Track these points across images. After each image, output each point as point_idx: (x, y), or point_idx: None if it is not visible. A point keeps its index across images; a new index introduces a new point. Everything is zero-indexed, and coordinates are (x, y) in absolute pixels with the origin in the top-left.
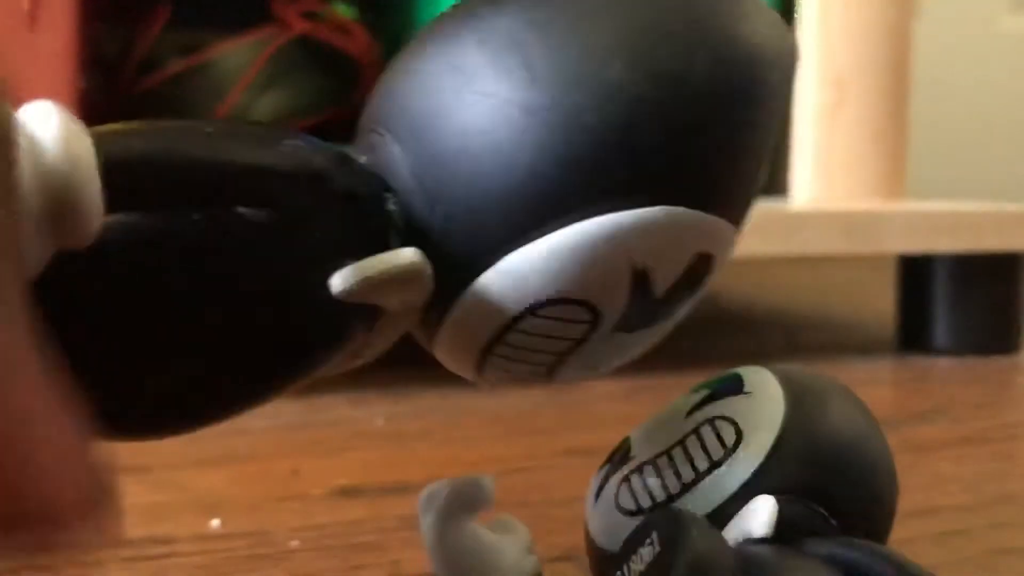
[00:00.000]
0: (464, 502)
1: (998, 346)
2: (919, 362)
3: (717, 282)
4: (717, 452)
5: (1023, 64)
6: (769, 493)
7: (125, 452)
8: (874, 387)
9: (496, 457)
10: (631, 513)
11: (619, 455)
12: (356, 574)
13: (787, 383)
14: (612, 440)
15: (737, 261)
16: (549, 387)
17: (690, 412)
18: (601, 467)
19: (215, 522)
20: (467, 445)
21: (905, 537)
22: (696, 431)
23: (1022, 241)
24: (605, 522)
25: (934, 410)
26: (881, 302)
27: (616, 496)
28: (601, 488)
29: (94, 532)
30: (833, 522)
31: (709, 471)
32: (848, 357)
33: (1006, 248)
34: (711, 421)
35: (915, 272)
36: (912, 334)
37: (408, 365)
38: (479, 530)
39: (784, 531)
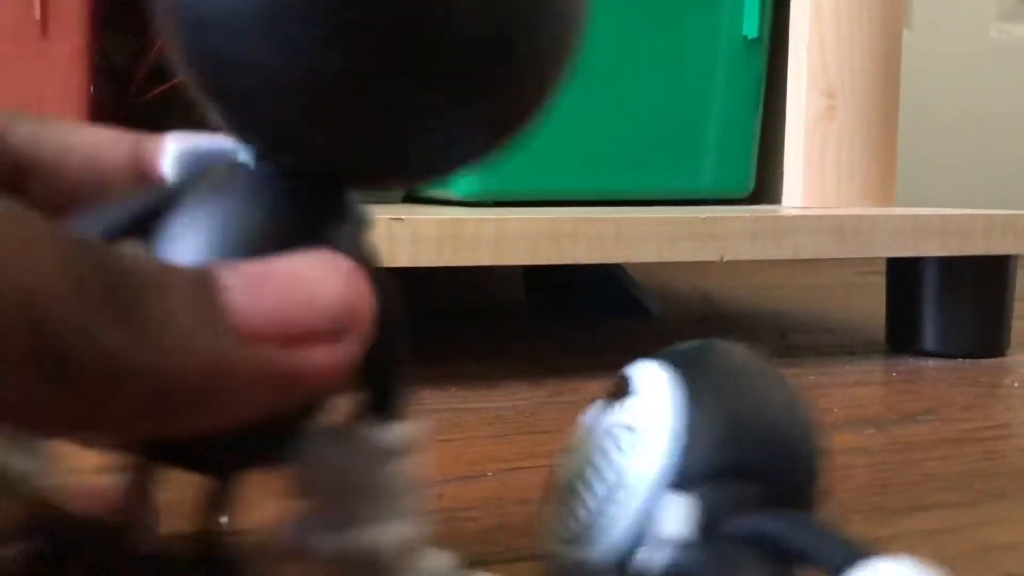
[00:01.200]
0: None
1: (986, 349)
2: (909, 364)
3: (711, 285)
4: (621, 462)
5: (1012, 72)
6: (685, 484)
7: None
8: (864, 388)
9: (496, 456)
10: (567, 542)
11: (550, 488)
12: None
13: (675, 370)
14: None
15: (730, 264)
16: (549, 388)
17: (592, 428)
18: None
19: (222, 519)
20: (467, 444)
21: (894, 534)
22: (600, 446)
23: (1009, 245)
24: (550, 553)
25: (923, 411)
26: (871, 305)
27: (553, 528)
28: (548, 521)
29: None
30: (757, 491)
31: (619, 483)
32: (839, 359)
33: (993, 252)
34: (609, 432)
35: (904, 276)
36: (901, 337)
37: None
38: None
39: (704, 521)
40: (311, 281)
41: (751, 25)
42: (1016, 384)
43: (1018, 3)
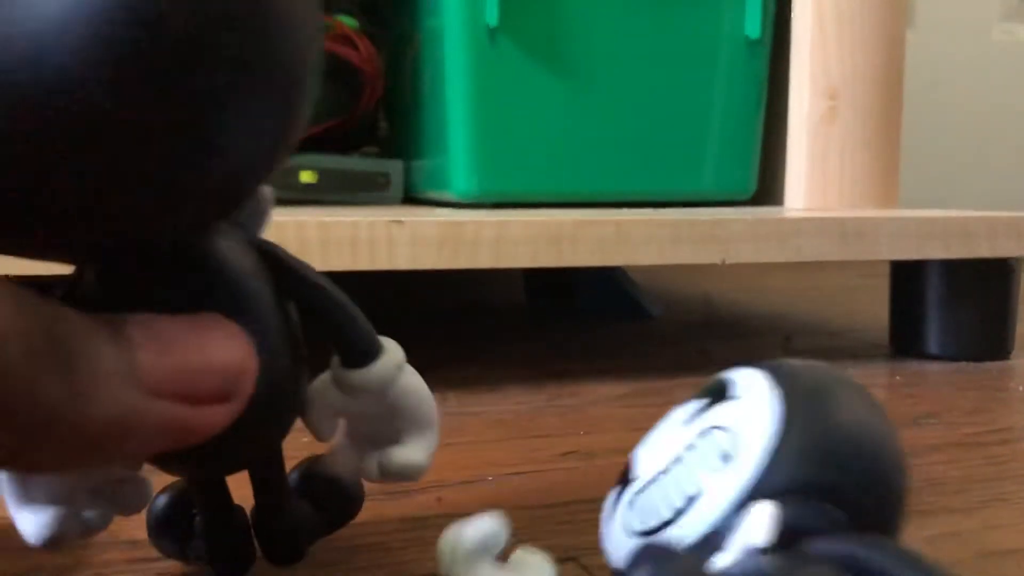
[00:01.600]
0: (485, 544)
1: (989, 352)
2: (912, 367)
3: (712, 287)
4: (715, 463)
5: (1015, 73)
6: (771, 496)
7: None
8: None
9: (496, 460)
10: (639, 534)
11: (624, 475)
12: (361, 574)
13: (778, 382)
14: (609, 443)
15: (732, 267)
16: (549, 392)
17: (686, 425)
18: (613, 487)
19: None
20: (468, 448)
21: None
22: (693, 444)
23: (1013, 248)
24: (617, 543)
25: (927, 414)
26: (874, 308)
27: (624, 517)
28: (612, 509)
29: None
30: (841, 516)
31: (710, 484)
32: (842, 362)
33: (997, 255)
34: (706, 432)
35: (908, 278)
36: (905, 340)
37: None
38: (501, 570)
39: (787, 535)
40: (207, 350)
41: (753, 26)
42: (1020, 388)
43: (1021, 4)
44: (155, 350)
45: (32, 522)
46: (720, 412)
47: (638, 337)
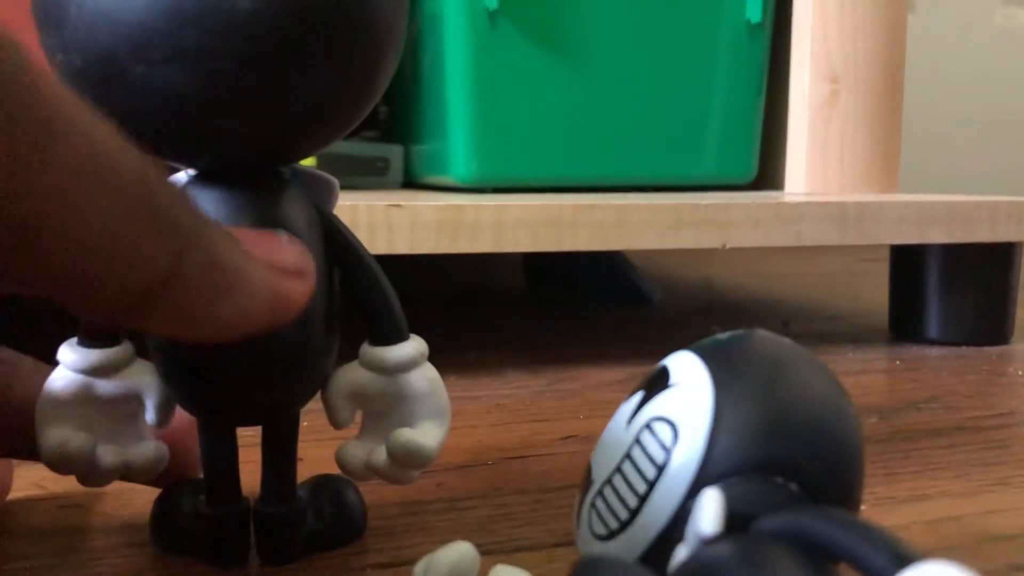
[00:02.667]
0: (459, 568)
1: (990, 336)
2: (912, 351)
3: (712, 272)
4: (660, 456)
5: (1016, 57)
6: (719, 479)
7: None
8: (867, 376)
9: (495, 444)
10: (603, 538)
11: (584, 480)
12: (360, 559)
13: (712, 363)
14: None
15: (733, 251)
16: (548, 376)
17: (629, 421)
18: (578, 492)
19: None
20: (467, 432)
21: (898, 523)
22: (637, 440)
23: (1013, 233)
24: (586, 549)
25: (927, 399)
26: (874, 293)
27: (589, 523)
28: (578, 516)
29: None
30: (793, 487)
31: (658, 478)
32: (842, 347)
33: (997, 239)
34: (648, 426)
35: (908, 263)
36: (905, 324)
37: None
38: None
39: (738, 516)
40: (281, 243)
41: (754, 10)
42: (1020, 372)
43: None
44: (246, 241)
45: (50, 436)
46: (659, 403)
47: (638, 322)
